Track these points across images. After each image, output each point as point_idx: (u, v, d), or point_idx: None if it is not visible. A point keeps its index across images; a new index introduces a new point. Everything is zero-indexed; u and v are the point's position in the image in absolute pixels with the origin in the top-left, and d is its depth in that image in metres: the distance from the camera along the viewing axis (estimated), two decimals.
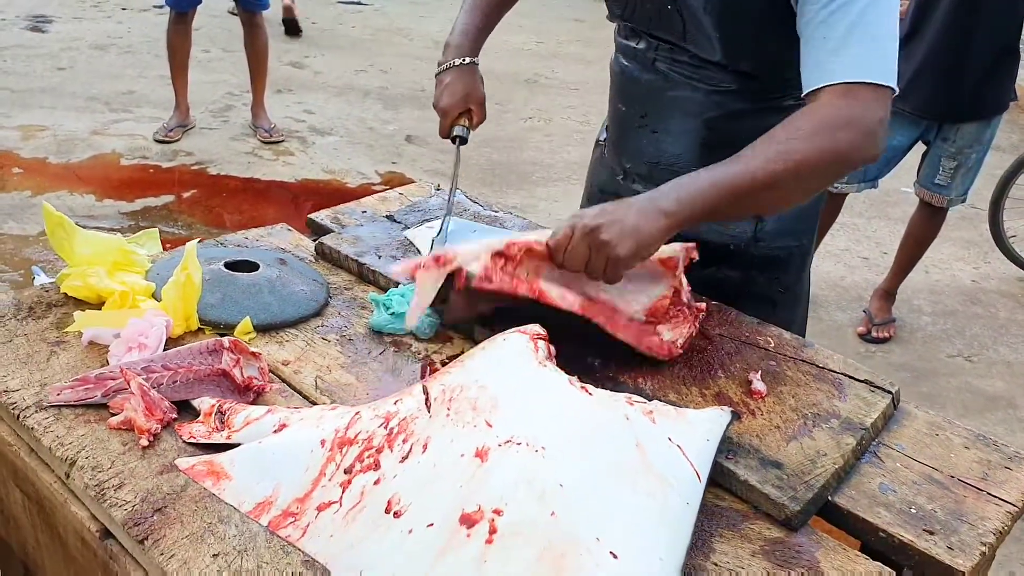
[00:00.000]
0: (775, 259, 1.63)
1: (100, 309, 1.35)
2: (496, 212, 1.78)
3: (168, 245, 1.64)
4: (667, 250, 1.31)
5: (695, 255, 1.35)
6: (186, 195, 4.43)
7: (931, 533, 1.09)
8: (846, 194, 3.58)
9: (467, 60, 1.65)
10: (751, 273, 1.62)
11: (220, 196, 4.46)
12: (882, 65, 1.26)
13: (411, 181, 4.68)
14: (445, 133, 1.66)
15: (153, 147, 4.90)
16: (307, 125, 5.45)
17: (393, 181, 4.73)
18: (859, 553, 1.06)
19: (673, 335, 1.32)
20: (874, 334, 3.65)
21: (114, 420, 1.14)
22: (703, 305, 1.35)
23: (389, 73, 6.57)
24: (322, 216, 1.75)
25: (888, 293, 3.77)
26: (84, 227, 1.45)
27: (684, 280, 1.33)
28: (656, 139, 1.57)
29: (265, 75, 5.16)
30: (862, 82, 1.24)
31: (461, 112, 1.64)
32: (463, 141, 1.66)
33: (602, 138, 1.77)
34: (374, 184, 4.71)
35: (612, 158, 1.70)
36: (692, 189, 1.22)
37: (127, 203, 4.28)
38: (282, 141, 5.14)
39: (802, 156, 1.22)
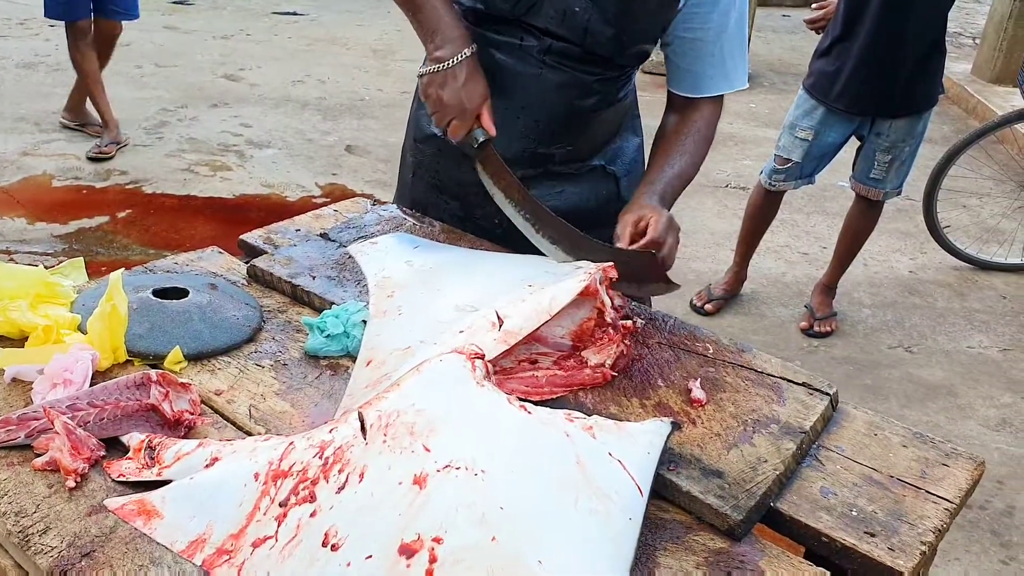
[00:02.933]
0: None
1: (23, 345, 1.31)
2: (433, 225, 1.76)
3: (104, 268, 1.60)
4: (581, 275, 1.31)
5: (613, 274, 1.34)
6: (121, 215, 4.34)
7: (872, 535, 1.09)
8: (783, 191, 3.62)
9: (473, 49, 1.52)
10: None
11: (157, 215, 4.38)
12: (744, 71, 1.67)
13: (353, 192, 4.66)
14: (463, 136, 1.54)
15: (86, 167, 4.80)
16: (244, 139, 5.38)
17: (334, 193, 4.68)
18: (803, 560, 1.06)
19: (600, 358, 1.30)
20: (816, 329, 3.70)
21: (38, 461, 1.10)
22: (630, 324, 1.34)
23: (327, 83, 6.51)
24: (254, 236, 1.71)
25: (828, 287, 3.82)
26: (16, 252, 1.41)
27: (607, 300, 1.31)
28: (535, 125, 1.67)
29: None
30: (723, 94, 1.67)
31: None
32: (484, 145, 1.54)
33: (435, 131, 1.74)
34: (315, 196, 4.66)
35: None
36: (674, 192, 1.62)
37: (60, 225, 4.17)
38: (127, 144, 5.08)
39: (702, 159, 1.69)
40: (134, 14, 4.84)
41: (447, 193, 1.82)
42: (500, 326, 1.26)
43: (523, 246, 1.60)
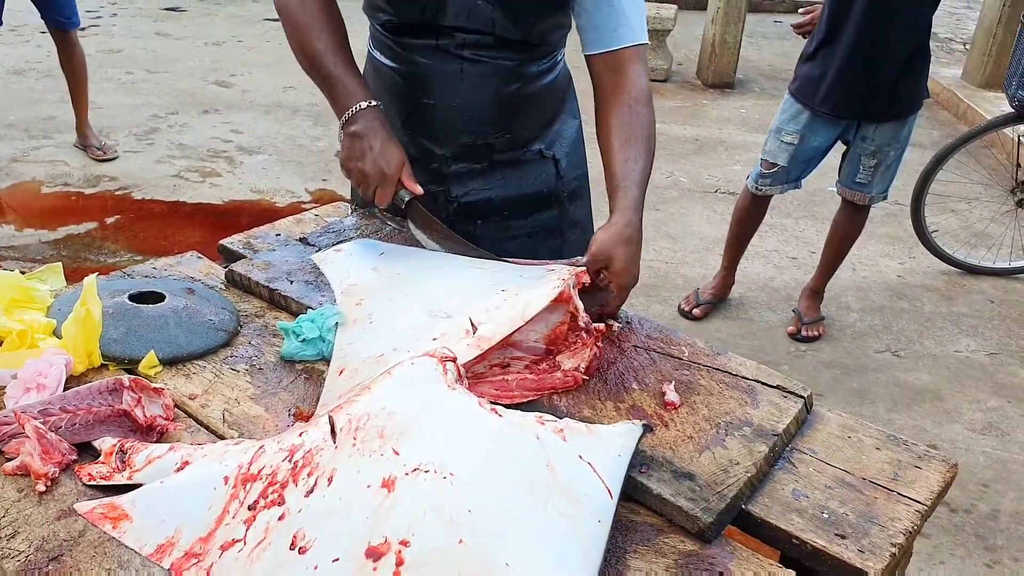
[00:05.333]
0: (577, 189, 1.92)
1: None
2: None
3: (92, 273, 1.59)
4: (555, 281, 1.31)
5: (586, 279, 1.35)
6: (110, 221, 4.33)
7: (843, 537, 1.10)
8: (770, 196, 3.62)
9: (381, 113, 1.56)
10: (565, 207, 1.89)
11: (145, 221, 4.37)
12: (643, 27, 1.63)
13: (342, 198, 4.64)
14: (388, 201, 1.55)
15: (75, 173, 4.79)
16: (234, 145, 5.38)
17: (323, 198, 4.68)
18: (772, 562, 1.07)
19: (574, 361, 1.31)
20: (804, 333, 3.70)
21: (9, 466, 1.10)
22: (603, 327, 1.34)
23: (318, 91, 6.50)
24: (234, 241, 1.71)
25: (816, 292, 3.82)
26: (4, 258, 1.41)
27: (580, 304, 1.31)
28: (469, 118, 1.72)
29: (87, 93, 5.03)
30: (643, 44, 1.62)
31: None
32: (411, 203, 1.57)
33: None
34: (304, 202, 4.66)
35: (419, 151, 1.75)
36: (639, 202, 1.49)
37: (49, 232, 4.17)
38: (116, 158, 5.04)
39: (654, 132, 1.60)
40: (74, 21, 4.77)
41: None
42: (474, 332, 1.26)
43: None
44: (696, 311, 3.80)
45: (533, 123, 1.79)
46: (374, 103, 1.55)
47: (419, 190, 1.56)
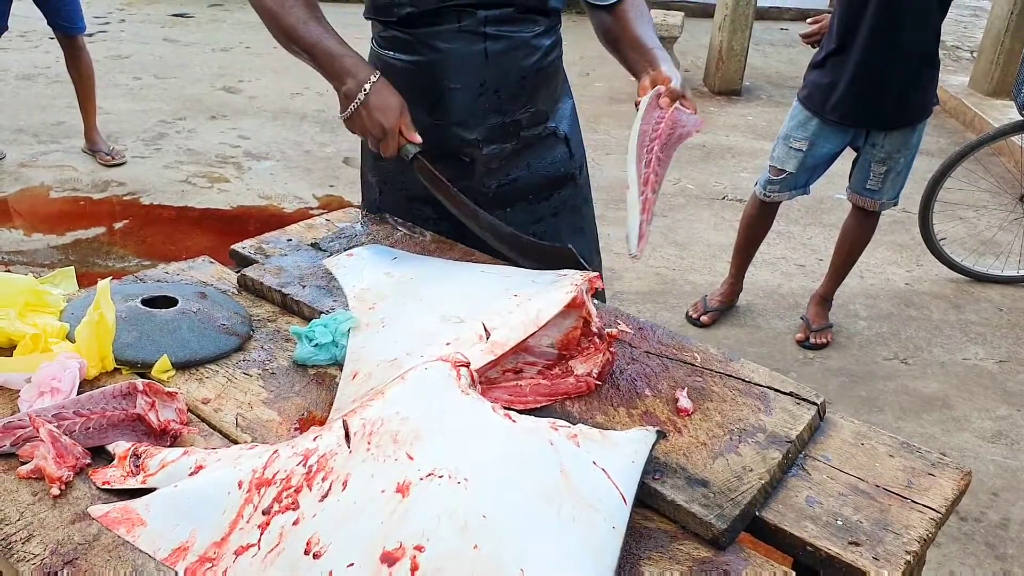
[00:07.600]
0: (582, 164, 2.01)
1: (11, 354, 1.31)
2: (424, 235, 1.77)
3: (100, 278, 1.59)
4: (568, 286, 1.31)
5: (600, 283, 1.36)
6: (118, 226, 4.34)
7: (857, 544, 1.09)
8: (779, 202, 3.62)
9: (377, 75, 1.58)
10: (578, 183, 1.98)
11: (154, 226, 4.38)
12: None
13: (350, 204, 4.66)
14: (395, 151, 1.60)
15: (84, 179, 4.81)
16: (242, 150, 5.39)
17: (331, 204, 4.69)
18: (786, 569, 1.06)
19: (587, 367, 1.30)
20: (812, 340, 3.70)
21: (23, 469, 1.10)
22: (615, 332, 1.34)
23: (325, 95, 6.52)
24: (246, 246, 1.72)
25: (824, 299, 3.81)
26: (13, 263, 1.41)
27: (593, 309, 1.31)
28: (498, 98, 1.76)
29: (95, 98, 5.04)
30: None
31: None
32: (416, 158, 1.61)
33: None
34: (312, 208, 4.67)
35: (452, 141, 1.76)
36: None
37: (57, 236, 4.18)
38: (124, 163, 5.04)
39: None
40: (79, 27, 4.79)
41: (419, 199, 1.85)
42: (487, 337, 1.26)
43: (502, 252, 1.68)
44: (704, 318, 3.80)
45: (548, 97, 1.85)
46: (363, 62, 1.60)
47: (417, 138, 1.61)
